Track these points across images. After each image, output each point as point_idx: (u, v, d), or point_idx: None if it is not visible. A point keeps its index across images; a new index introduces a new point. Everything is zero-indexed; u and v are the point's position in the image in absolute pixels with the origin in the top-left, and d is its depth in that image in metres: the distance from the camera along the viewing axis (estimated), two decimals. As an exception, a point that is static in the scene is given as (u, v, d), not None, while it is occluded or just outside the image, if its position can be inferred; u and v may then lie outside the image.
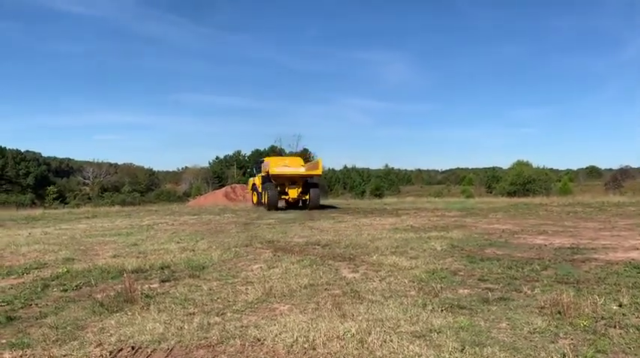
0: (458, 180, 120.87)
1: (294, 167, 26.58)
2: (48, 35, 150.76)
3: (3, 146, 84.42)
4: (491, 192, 70.93)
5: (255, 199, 30.04)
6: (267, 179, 26.01)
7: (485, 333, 4.64)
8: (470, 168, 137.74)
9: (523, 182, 57.66)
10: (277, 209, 24.86)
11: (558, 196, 40.40)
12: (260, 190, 28.08)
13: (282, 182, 25.52)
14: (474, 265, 8.17)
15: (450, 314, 5.28)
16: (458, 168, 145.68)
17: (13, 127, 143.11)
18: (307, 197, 25.66)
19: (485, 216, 19.33)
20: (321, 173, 25.15)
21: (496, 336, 4.55)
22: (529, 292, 6.16)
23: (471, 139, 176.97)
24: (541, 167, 65.64)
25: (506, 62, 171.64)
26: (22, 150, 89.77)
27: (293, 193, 25.65)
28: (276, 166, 25.63)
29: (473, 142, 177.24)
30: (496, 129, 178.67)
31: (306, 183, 25.91)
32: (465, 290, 6.41)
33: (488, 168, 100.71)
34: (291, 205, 26.25)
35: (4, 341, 4.77)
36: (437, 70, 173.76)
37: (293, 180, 25.66)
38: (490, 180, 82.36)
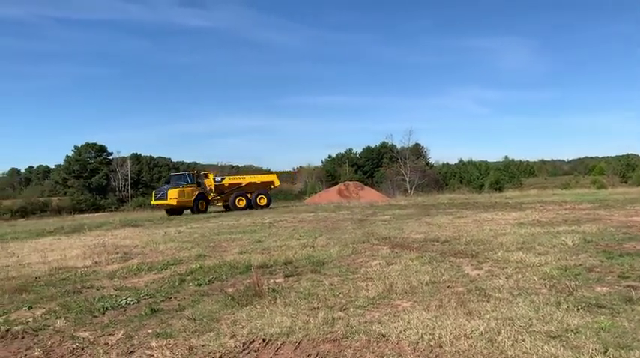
0: (587, 170, 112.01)
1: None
2: (171, 49, 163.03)
3: (139, 153, 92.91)
4: (626, 182, 64.93)
5: (202, 206, 32.02)
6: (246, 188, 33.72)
7: (630, 335, 4.25)
8: (600, 156, 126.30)
9: (665, 169, 51.96)
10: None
11: None
12: (216, 197, 33.51)
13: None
14: (612, 261, 7.51)
15: (587, 313, 4.90)
16: (586, 157, 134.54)
17: (146, 136, 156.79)
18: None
19: (621, 207, 17.70)
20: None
21: (644, 339, 4.15)
22: (681, 291, 5.54)
23: (599, 125, 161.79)
24: (687, 152, 58.75)
25: (636, 38, 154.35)
26: (155, 156, 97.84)
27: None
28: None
29: (602, 128, 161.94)
30: (628, 113, 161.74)
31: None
32: (604, 288, 5.91)
33: (622, 156, 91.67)
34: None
35: (150, 330, 5.25)
36: (558, 53, 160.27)
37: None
38: (624, 168, 75.36)
